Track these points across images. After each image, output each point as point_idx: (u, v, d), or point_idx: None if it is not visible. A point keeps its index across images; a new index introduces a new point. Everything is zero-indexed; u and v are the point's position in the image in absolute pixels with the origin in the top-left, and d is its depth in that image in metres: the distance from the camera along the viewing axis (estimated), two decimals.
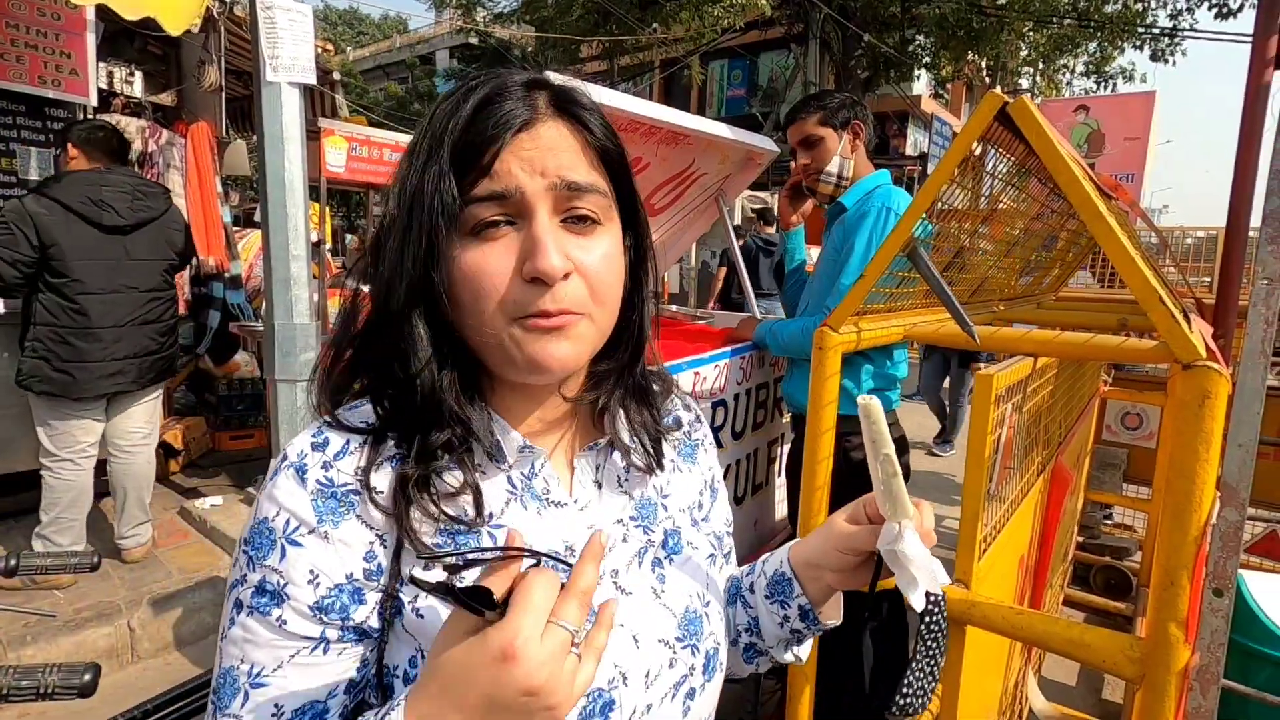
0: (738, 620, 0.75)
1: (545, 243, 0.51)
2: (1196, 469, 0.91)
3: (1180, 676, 0.94)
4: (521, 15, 15.98)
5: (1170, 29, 11.61)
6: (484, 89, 0.54)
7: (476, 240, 0.52)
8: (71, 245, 2.67)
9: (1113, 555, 3.35)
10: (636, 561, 0.62)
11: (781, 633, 0.71)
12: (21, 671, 0.80)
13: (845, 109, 2.01)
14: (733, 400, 2.10)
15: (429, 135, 0.54)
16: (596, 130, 0.56)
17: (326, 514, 0.52)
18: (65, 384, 2.71)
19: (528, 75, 0.56)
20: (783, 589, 0.70)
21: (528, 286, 0.52)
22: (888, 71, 13.19)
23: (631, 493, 0.65)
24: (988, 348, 1.23)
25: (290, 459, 0.54)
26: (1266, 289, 0.97)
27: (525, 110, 0.53)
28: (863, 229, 1.88)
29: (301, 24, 2.68)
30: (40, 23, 3.32)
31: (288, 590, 0.50)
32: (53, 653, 2.46)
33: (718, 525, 0.74)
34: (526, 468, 0.59)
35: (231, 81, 4.74)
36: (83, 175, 2.75)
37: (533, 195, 0.52)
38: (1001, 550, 1.38)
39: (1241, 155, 1.87)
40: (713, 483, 0.76)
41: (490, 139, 0.52)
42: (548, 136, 0.53)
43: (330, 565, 0.51)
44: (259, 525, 0.52)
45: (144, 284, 2.89)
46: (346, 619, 0.51)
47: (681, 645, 0.62)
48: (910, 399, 6.19)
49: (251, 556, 0.52)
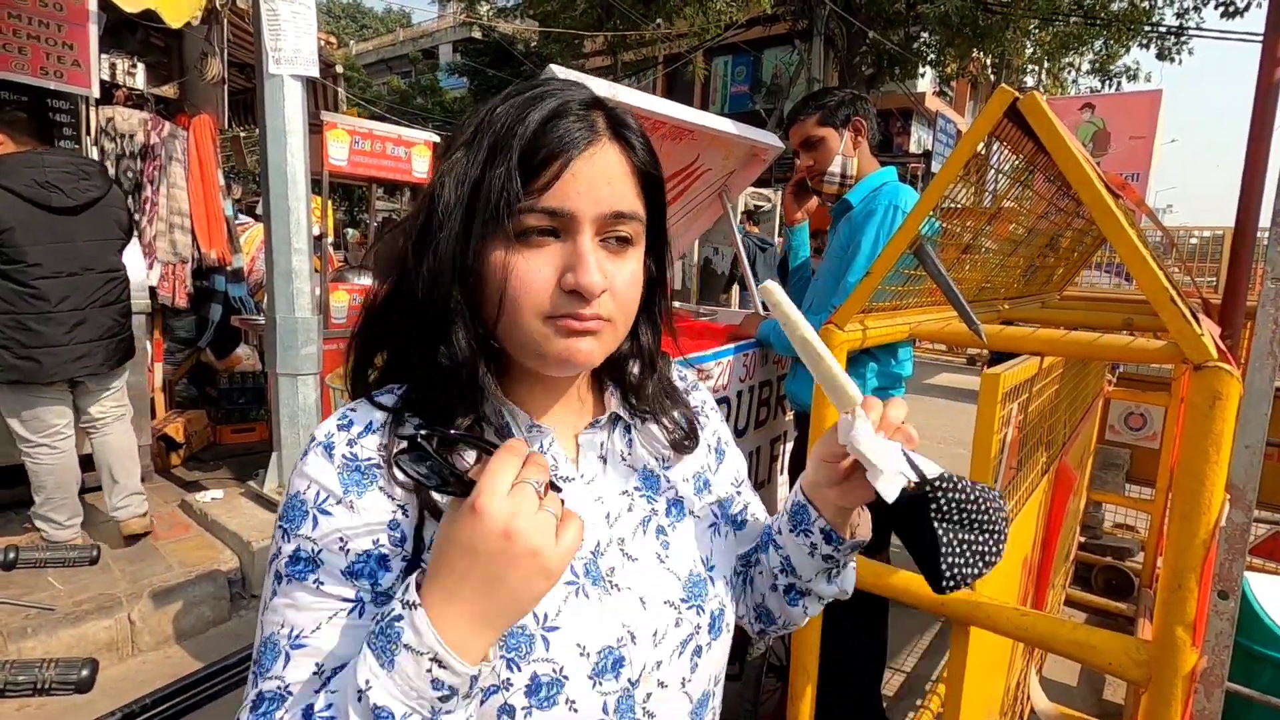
0: (772, 564, 0.77)
1: (590, 262, 0.56)
2: (1206, 471, 0.90)
3: (1187, 680, 0.93)
4: (525, 10, 15.94)
5: (1177, 27, 11.55)
6: (551, 102, 0.58)
7: (522, 244, 0.56)
8: (22, 229, 2.60)
9: (1114, 555, 3.34)
10: (641, 529, 0.66)
11: (814, 562, 0.72)
12: (19, 666, 0.79)
13: (845, 107, 2.00)
14: (735, 398, 2.09)
15: (491, 134, 0.57)
16: (641, 154, 0.61)
17: (351, 485, 0.55)
18: (32, 370, 2.66)
19: (588, 94, 0.60)
20: (801, 517, 0.72)
21: (566, 296, 0.56)
22: (892, 68, 13.14)
23: (636, 465, 0.69)
24: (995, 347, 1.22)
25: (319, 439, 0.58)
26: (1276, 289, 0.96)
27: (588, 133, 0.57)
28: (869, 227, 1.86)
29: (304, 17, 2.67)
30: (42, 13, 3.30)
31: (322, 556, 0.54)
32: (53, 646, 2.47)
33: (722, 489, 0.77)
34: (535, 446, 0.62)
35: (234, 74, 4.73)
36: (23, 158, 2.67)
37: (583, 218, 0.56)
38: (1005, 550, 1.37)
39: (1251, 154, 1.85)
40: (718, 445, 0.79)
41: (555, 155, 0.56)
42: (604, 161, 0.58)
43: (357, 532, 0.54)
44: (292, 500, 0.56)
45: (98, 264, 2.83)
46: (376, 584, 0.54)
47: (687, 606, 0.66)
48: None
49: (286, 529, 0.55)
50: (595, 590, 0.61)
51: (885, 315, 1.41)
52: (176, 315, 4.25)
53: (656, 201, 0.64)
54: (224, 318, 4.34)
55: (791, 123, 2.09)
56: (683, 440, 0.71)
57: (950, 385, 8.47)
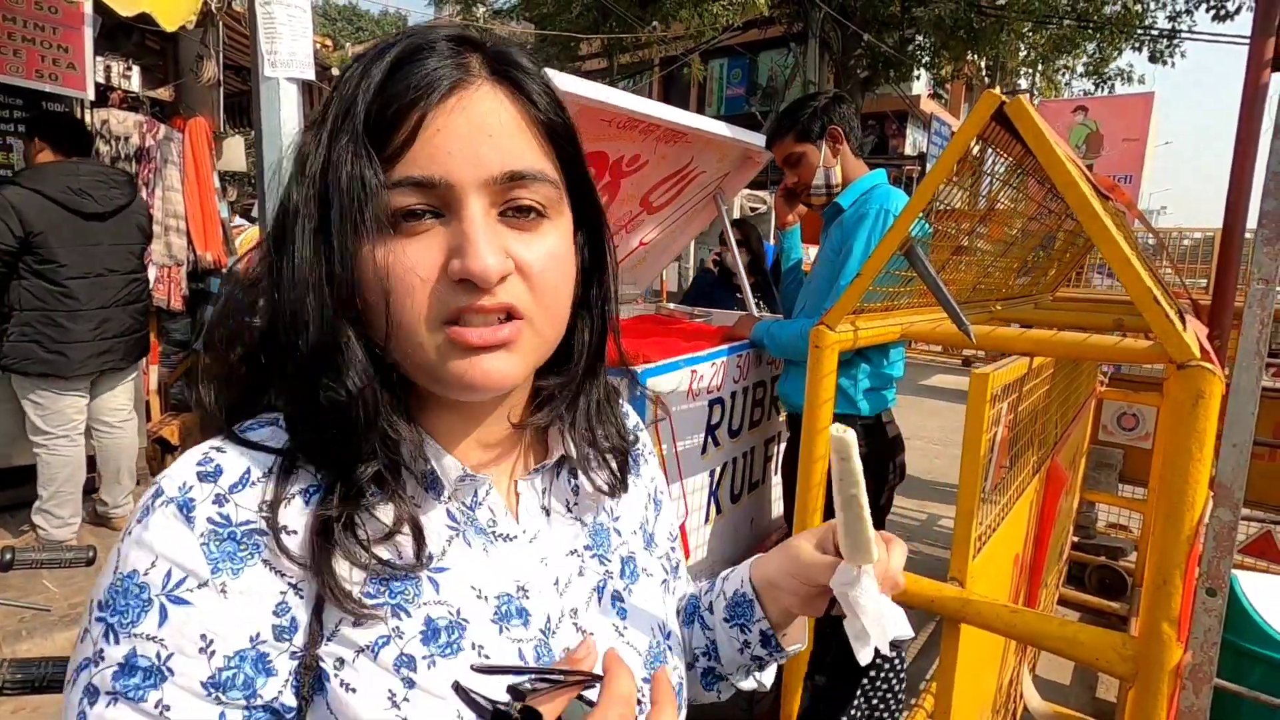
0: (695, 643, 0.69)
1: (479, 238, 0.43)
2: (1190, 468, 0.91)
3: (1173, 675, 0.95)
4: (521, 12, 15.97)
5: (1169, 31, 11.63)
6: (402, 43, 0.45)
7: (394, 234, 0.44)
8: (55, 232, 2.79)
9: (1108, 555, 3.36)
10: (595, 597, 0.56)
11: (741, 659, 0.65)
12: (17, 664, 0.80)
13: (818, 118, 1.98)
14: (729, 398, 2.10)
15: (338, 101, 0.45)
16: (540, 101, 0.47)
17: (223, 560, 0.41)
18: (59, 364, 2.83)
19: (456, 30, 0.47)
20: (743, 611, 0.64)
21: (455, 288, 0.44)
22: (887, 71, 13.18)
23: (583, 518, 0.58)
24: (984, 347, 1.23)
25: (168, 493, 0.42)
26: (1262, 290, 0.98)
27: (453, 72, 0.44)
28: (861, 230, 1.88)
29: (300, 19, 2.67)
30: (38, 16, 3.30)
31: (171, 664, 0.39)
32: (48, 647, 2.46)
33: (663, 542, 0.68)
34: (468, 497, 0.52)
35: (230, 77, 4.73)
36: (58, 166, 2.86)
37: (463, 188, 0.44)
38: (996, 549, 1.39)
39: (1239, 156, 1.87)
40: (655, 494, 0.69)
41: (408, 104, 0.43)
42: (482, 107, 0.44)
43: (229, 627, 0.41)
44: (122, 583, 0.40)
45: (123, 267, 3.04)
46: (252, 696, 0.41)
47: (649, 686, 0.56)
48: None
49: (111, 625, 0.40)
50: None
51: (877, 316, 1.42)
52: (172, 318, 4.24)
53: (571, 159, 0.50)
54: None
55: (772, 140, 2.11)
56: (610, 484, 0.59)
57: (945, 386, 8.49)
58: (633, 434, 0.66)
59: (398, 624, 0.45)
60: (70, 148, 2.94)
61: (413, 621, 0.46)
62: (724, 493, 2.14)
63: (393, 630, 0.45)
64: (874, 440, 1.97)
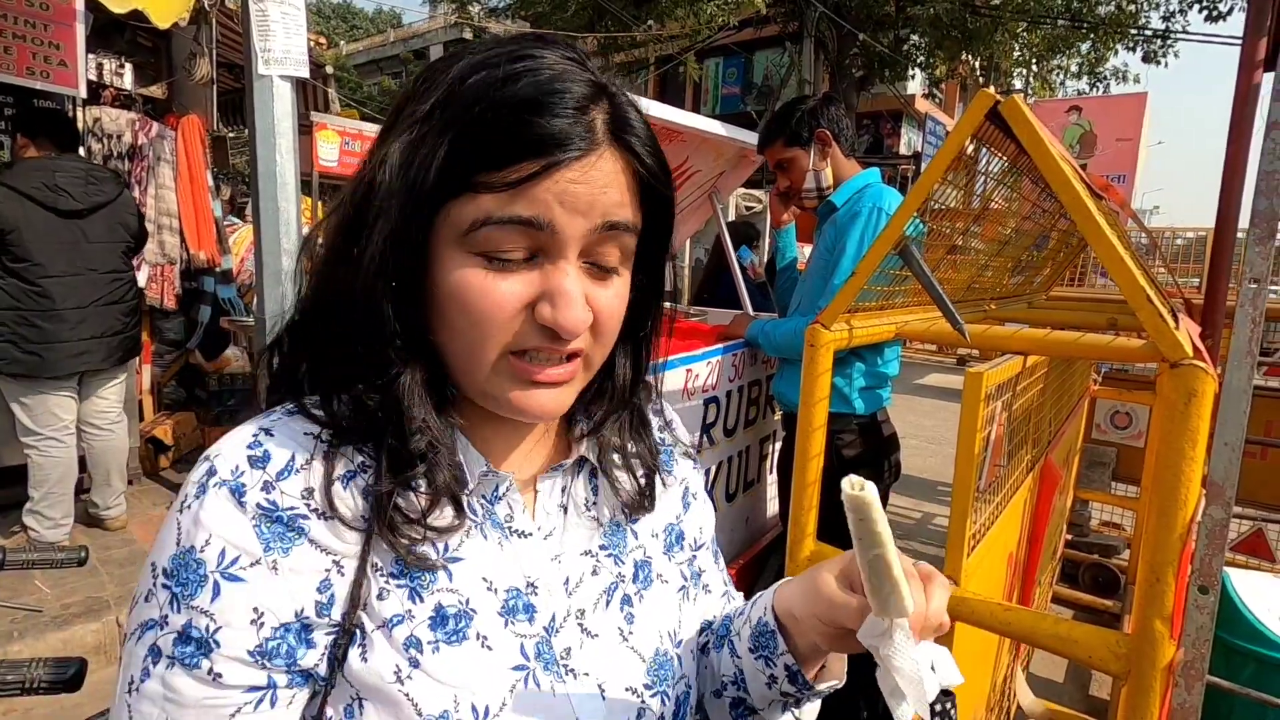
0: (722, 669, 0.63)
1: (574, 295, 0.46)
2: (1182, 466, 0.91)
3: (1165, 672, 0.95)
4: (516, 10, 15.93)
5: (1162, 31, 11.68)
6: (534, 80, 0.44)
7: (485, 262, 0.45)
8: (29, 230, 2.73)
9: (1101, 553, 3.38)
10: (604, 600, 0.56)
11: (770, 694, 0.59)
12: (7, 666, 0.79)
13: (806, 122, 1.99)
14: (725, 397, 2.10)
15: (451, 108, 0.45)
16: (646, 161, 0.49)
17: (274, 540, 0.44)
18: (35, 364, 2.79)
19: (588, 80, 0.46)
20: (766, 643, 0.58)
21: (535, 329, 0.46)
22: (882, 71, 13.20)
23: (600, 518, 0.58)
24: (978, 345, 1.24)
25: (221, 475, 0.45)
26: (1254, 289, 0.98)
27: (583, 137, 0.44)
28: (854, 230, 1.88)
29: (294, 17, 2.66)
30: (29, 13, 3.27)
31: (219, 636, 0.42)
32: (40, 648, 2.45)
33: (689, 545, 0.66)
34: (489, 491, 0.53)
35: (223, 74, 4.70)
36: (35, 162, 2.82)
37: (566, 240, 0.45)
38: (990, 547, 1.39)
39: (1230, 156, 1.88)
40: (684, 495, 0.68)
41: (534, 152, 0.43)
42: (603, 174, 0.46)
43: (279, 601, 0.44)
44: (185, 556, 0.43)
45: (103, 265, 2.96)
46: (293, 665, 0.44)
47: (651, 693, 0.56)
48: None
49: (175, 595, 0.43)
50: (547, 677, 0.50)
51: (872, 315, 1.42)
52: (165, 317, 4.22)
53: (656, 207, 0.51)
54: (213, 319, 4.31)
55: (763, 146, 2.13)
56: (637, 501, 0.59)
57: (940, 385, 8.52)
58: (662, 432, 0.66)
59: (411, 606, 0.47)
60: (53, 144, 2.90)
61: (424, 606, 0.48)
62: (719, 492, 2.15)
63: (405, 612, 0.47)
64: (869, 439, 1.98)
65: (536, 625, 0.51)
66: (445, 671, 0.47)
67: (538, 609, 0.52)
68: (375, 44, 29.45)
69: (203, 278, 4.26)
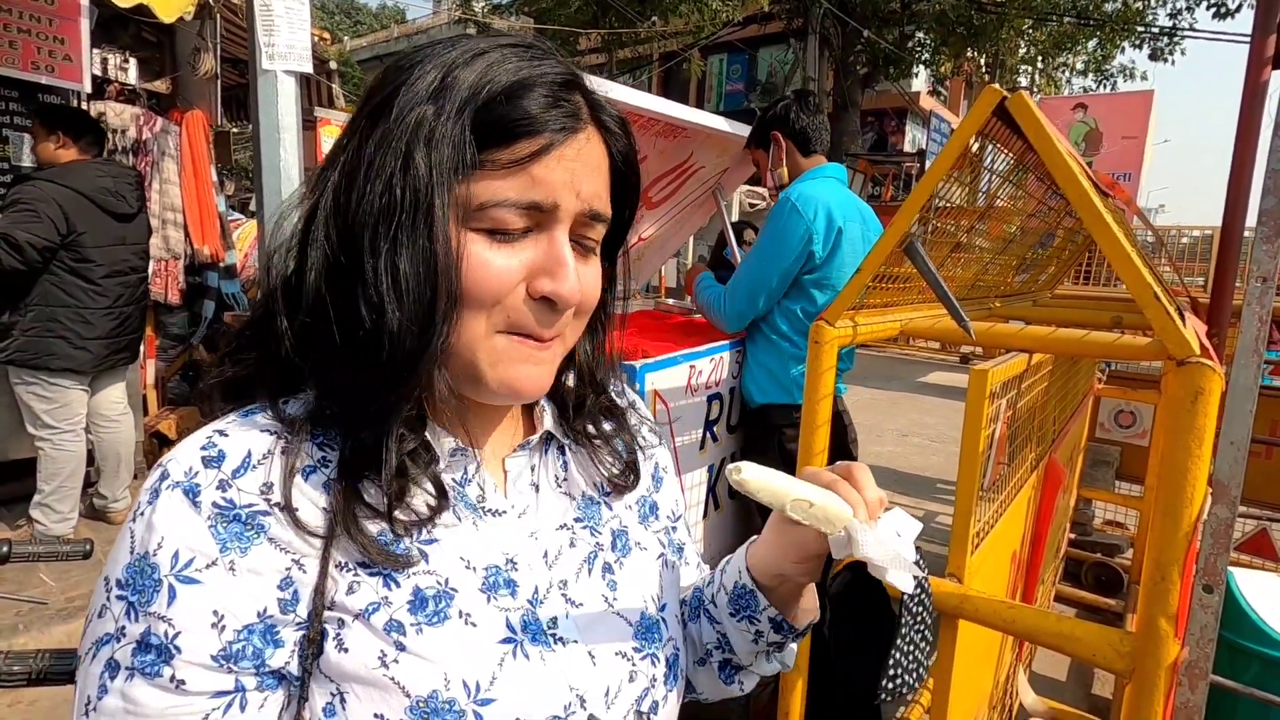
0: (704, 638, 0.67)
1: (570, 264, 0.48)
2: (1188, 465, 0.91)
3: (1169, 671, 0.95)
4: (520, 6, 15.91)
5: (1170, 28, 11.62)
6: (521, 65, 0.47)
7: (487, 237, 0.46)
8: (92, 232, 2.88)
9: (1104, 552, 3.37)
10: (585, 568, 0.57)
11: (757, 647, 0.64)
12: (13, 657, 0.80)
13: (762, 127, 2.16)
14: (728, 394, 2.10)
15: (449, 91, 0.46)
16: (622, 151, 0.54)
17: (231, 540, 0.43)
18: (84, 359, 2.90)
19: (564, 69, 0.49)
20: (747, 603, 0.62)
21: (534, 304, 0.48)
22: (887, 68, 13.16)
23: (572, 493, 0.60)
24: (983, 343, 1.23)
25: (174, 477, 0.44)
26: (1261, 288, 0.97)
27: (573, 115, 0.48)
28: (769, 221, 2.00)
29: (298, 12, 2.65)
30: (33, 7, 3.27)
31: (179, 642, 0.41)
32: (45, 640, 2.46)
33: (664, 516, 0.69)
34: (459, 473, 0.53)
35: (227, 70, 4.70)
36: (89, 166, 2.92)
37: (565, 214, 0.48)
38: (994, 545, 1.39)
39: (1238, 154, 1.87)
40: (655, 471, 0.70)
41: (533, 130, 0.46)
42: (591, 152, 0.49)
43: (239, 603, 0.43)
44: (139, 563, 0.42)
45: (139, 267, 3.14)
46: (261, 666, 0.43)
47: (640, 655, 0.57)
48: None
49: (132, 604, 0.42)
50: (536, 649, 0.50)
51: (876, 312, 1.42)
52: (169, 312, 4.22)
53: (623, 199, 0.56)
54: (217, 314, 4.32)
55: (745, 148, 2.31)
56: (622, 476, 0.62)
57: (943, 383, 8.51)
58: (626, 412, 0.68)
59: (387, 593, 0.47)
60: (94, 147, 2.98)
61: (401, 591, 0.47)
62: (722, 488, 2.15)
63: (381, 599, 0.46)
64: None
65: (520, 598, 0.51)
66: (431, 651, 0.46)
67: (519, 583, 0.52)
68: (379, 39, 29.45)
69: (207, 273, 4.27)
